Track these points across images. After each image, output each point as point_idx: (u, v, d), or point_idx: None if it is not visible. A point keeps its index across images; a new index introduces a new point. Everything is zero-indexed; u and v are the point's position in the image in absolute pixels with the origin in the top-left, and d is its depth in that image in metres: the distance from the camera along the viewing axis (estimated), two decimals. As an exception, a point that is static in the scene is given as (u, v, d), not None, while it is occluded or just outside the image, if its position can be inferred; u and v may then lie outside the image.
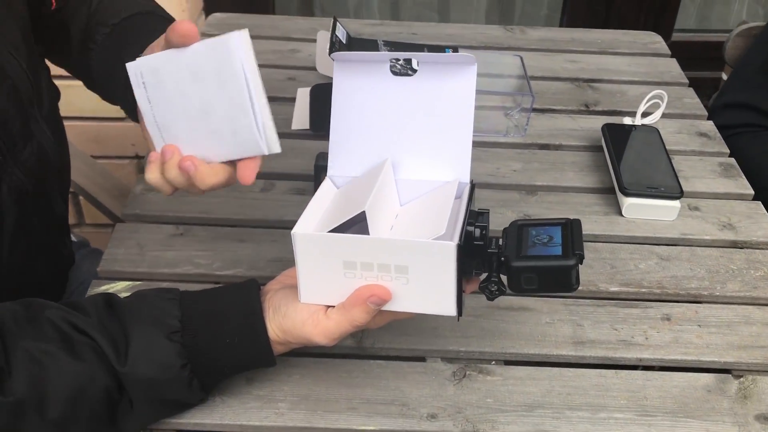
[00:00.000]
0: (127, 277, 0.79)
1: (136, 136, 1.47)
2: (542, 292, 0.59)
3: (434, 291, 0.58)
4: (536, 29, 1.31)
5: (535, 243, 0.59)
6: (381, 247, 0.57)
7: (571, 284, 0.57)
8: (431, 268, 0.57)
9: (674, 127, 1.07)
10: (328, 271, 0.59)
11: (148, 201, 0.88)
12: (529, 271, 0.58)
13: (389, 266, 0.58)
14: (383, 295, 0.59)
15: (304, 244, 0.59)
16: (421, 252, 0.57)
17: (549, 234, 0.59)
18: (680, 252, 0.87)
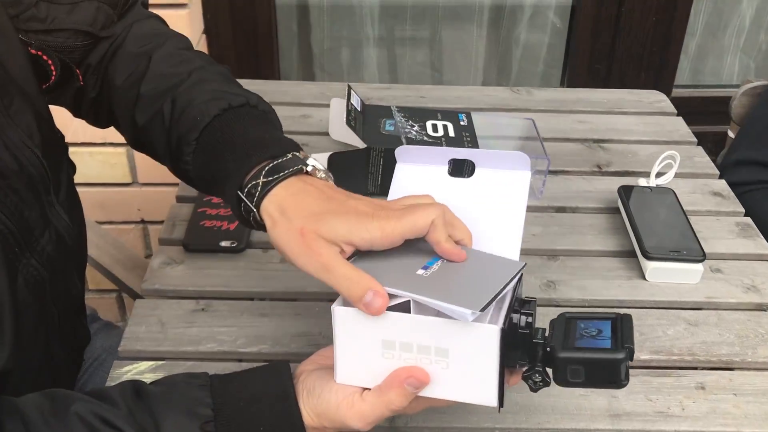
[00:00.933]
0: (149, 356, 0.77)
1: (142, 200, 1.46)
2: (589, 386, 0.57)
3: (475, 378, 0.57)
4: (542, 90, 1.32)
5: (582, 335, 0.58)
6: (422, 327, 0.56)
7: (620, 379, 0.56)
8: (473, 352, 0.56)
9: (687, 186, 1.08)
10: (366, 350, 0.58)
11: (167, 275, 0.87)
12: (576, 363, 0.56)
13: (429, 348, 0.57)
14: (422, 377, 0.58)
15: (344, 320, 0.58)
16: (463, 334, 0.55)
17: (598, 327, 0.58)
18: (707, 316, 0.86)
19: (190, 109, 0.70)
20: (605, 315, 0.60)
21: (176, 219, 0.96)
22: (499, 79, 1.94)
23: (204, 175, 0.70)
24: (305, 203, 0.61)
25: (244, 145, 0.66)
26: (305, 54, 1.85)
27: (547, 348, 0.57)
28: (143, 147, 0.79)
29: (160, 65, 0.75)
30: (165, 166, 0.76)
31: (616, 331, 0.58)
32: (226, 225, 0.92)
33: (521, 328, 0.57)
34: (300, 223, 0.59)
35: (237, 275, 0.87)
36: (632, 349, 0.56)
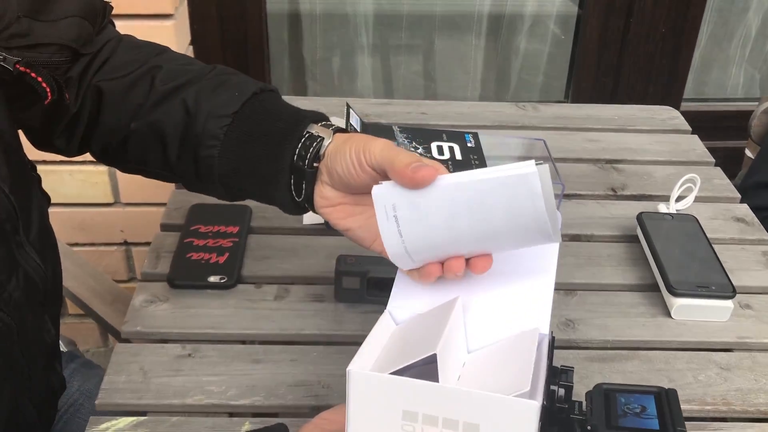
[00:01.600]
0: (130, 410, 0.70)
1: (125, 221, 1.38)
2: None
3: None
4: (548, 106, 1.25)
5: (625, 412, 0.51)
6: (451, 397, 0.49)
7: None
8: (507, 430, 0.48)
9: (708, 212, 1.01)
10: (384, 420, 0.50)
11: (150, 315, 0.79)
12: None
13: (457, 423, 0.49)
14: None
15: (361, 384, 0.50)
16: (497, 409, 0.48)
17: (641, 404, 0.52)
18: (740, 360, 0.79)
19: (224, 89, 0.65)
20: (648, 389, 0.54)
21: (161, 250, 0.88)
22: (498, 91, 1.88)
23: (237, 153, 0.63)
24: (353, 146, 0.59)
25: (294, 113, 0.64)
26: (297, 64, 1.78)
27: (588, 427, 0.50)
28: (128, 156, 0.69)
29: (173, 63, 0.69)
30: (156, 174, 0.69)
31: (661, 409, 0.51)
32: (215, 257, 0.85)
33: (560, 401, 0.50)
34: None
35: (227, 315, 0.80)
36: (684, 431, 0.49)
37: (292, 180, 0.61)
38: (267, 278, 0.85)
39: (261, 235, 0.91)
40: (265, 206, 0.96)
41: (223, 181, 0.64)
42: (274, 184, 0.62)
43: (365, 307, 0.81)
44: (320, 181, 0.61)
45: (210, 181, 0.65)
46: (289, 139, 0.61)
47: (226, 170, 0.64)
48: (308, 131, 0.61)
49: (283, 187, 0.62)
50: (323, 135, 0.61)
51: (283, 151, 0.61)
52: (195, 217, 0.91)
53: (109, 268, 1.40)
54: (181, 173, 0.66)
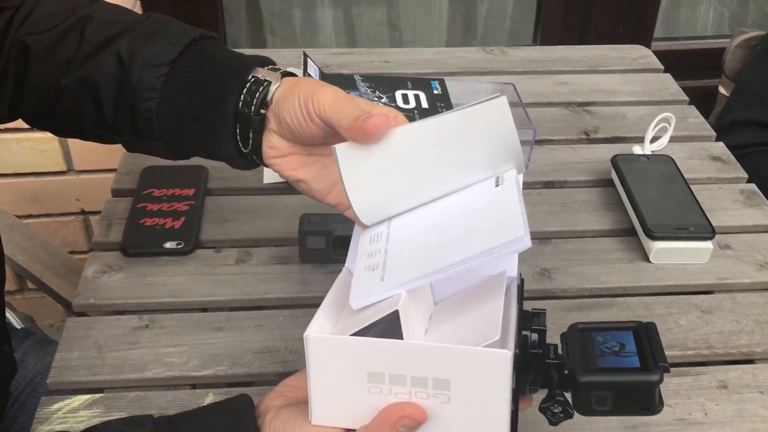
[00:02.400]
0: (84, 388, 0.65)
1: (80, 189, 1.31)
2: (616, 413, 0.47)
3: (482, 412, 0.46)
4: (517, 49, 1.21)
5: (604, 352, 0.48)
6: (418, 354, 0.45)
7: (655, 405, 0.46)
8: (479, 383, 0.45)
9: (684, 152, 0.98)
10: (349, 384, 0.47)
11: (104, 287, 0.74)
12: (602, 388, 0.46)
13: (426, 380, 0.46)
14: (417, 416, 0.47)
15: (320, 349, 0.46)
16: (468, 362, 0.45)
17: (619, 341, 0.48)
18: (721, 301, 0.77)
19: (160, 36, 0.59)
20: (625, 324, 0.50)
21: (112, 217, 0.83)
22: (465, 38, 1.82)
23: (177, 103, 0.58)
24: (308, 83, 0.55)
25: (237, 57, 0.58)
26: (254, 18, 1.70)
27: (565, 371, 0.47)
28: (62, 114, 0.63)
29: (104, 13, 0.62)
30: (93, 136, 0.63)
31: (641, 345, 0.48)
32: (171, 222, 0.80)
33: (533, 347, 0.47)
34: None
35: (185, 282, 0.75)
36: (667, 368, 0.46)
37: (238, 130, 0.56)
38: (227, 242, 0.80)
39: (219, 196, 0.86)
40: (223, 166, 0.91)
41: (164, 137, 0.59)
42: (218, 135, 0.57)
43: (332, 267, 0.77)
44: (268, 130, 0.56)
45: (150, 137, 0.59)
46: (232, 85, 0.56)
47: (167, 124, 0.58)
48: (253, 75, 0.56)
49: (228, 139, 0.57)
50: (270, 79, 0.56)
51: (225, 98, 0.56)
52: (147, 180, 0.86)
53: (68, 239, 1.34)
54: (119, 131, 0.61)
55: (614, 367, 0.47)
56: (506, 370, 0.44)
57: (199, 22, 1.47)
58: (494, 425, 0.46)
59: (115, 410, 0.63)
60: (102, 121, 0.60)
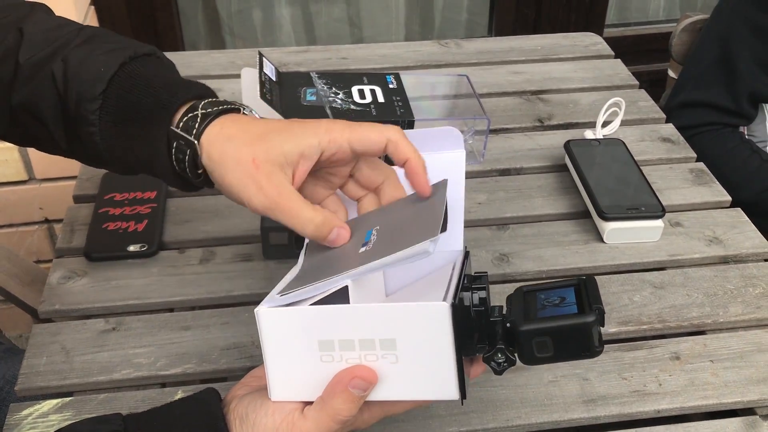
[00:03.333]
0: (53, 392, 0.66)
1: (42, 198, 1.31)
2: (559, 359, 0.50)
3: (430, 369, 0.48)
4: (471, 41, 1.23)
5: (545, 305, 0.50)
6: (361, 316, 0.47)
7: (594, 346, 0.48)
8: (424, 339, 0.47)
9: (635, 134, 1.01)
10: (302, 355, 0.49)
11: (69, 292, 0.75)
12: (542, 334, 0.48)
13: (373, 341, 0.48)
14: (368, 377, 0.49)
15: (271, 322, 0.48)
16: (409, 318, 0.47)
17: (560, 296, 0.50)
18: (673, 277, 0.80)
19: (90, 63, 0.57)
20: (566, 282, 0.52)
21: (75, 223, 0.83)
22: (423, 32, 1.84)
23: (116, 135, 0.57)
24: (250, 127, 0.54)
25: (165, 86, 0.56)
26: (212, 19, 1.70)
27: (507, 324, 0.49)
28: (21, 136, 0.64)
29: (35, 33, 0.61)
30: (57, 153, 0.63)
31: (580, 296, 0.50)
32: (133, 225, 0.81)
33: (475, 306, 0.49)
34: (250, 151, 0.52)
35: (150, 284, 0.76)
36: (602, 310, 0.48)
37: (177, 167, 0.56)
38: (190, 242, 0.81)
39: (181, 198, 0.87)
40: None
41: (114, 161, 0.59)
42: (157, 171, 0.57)
43: (295, 262, 0.78)
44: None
45: (105, 162, 0.60)
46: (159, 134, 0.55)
47: (113, 151, 0.58)
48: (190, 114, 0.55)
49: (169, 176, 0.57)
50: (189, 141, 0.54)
51: (156, 144, 0.55)
52: (108, 185, 0.86)
53: (32, 248, 1.33)
54: (76, 155, 0.61)
55: (553, 315, 0.49)
56: (446, 322, 0.46)
57: (155, 27, 1.47)
58: (442, 378, 0.48)
59: (85, 412, 0.64)
60: (57, 146, 0.60)
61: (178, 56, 1.16)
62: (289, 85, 0.93)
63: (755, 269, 0.81)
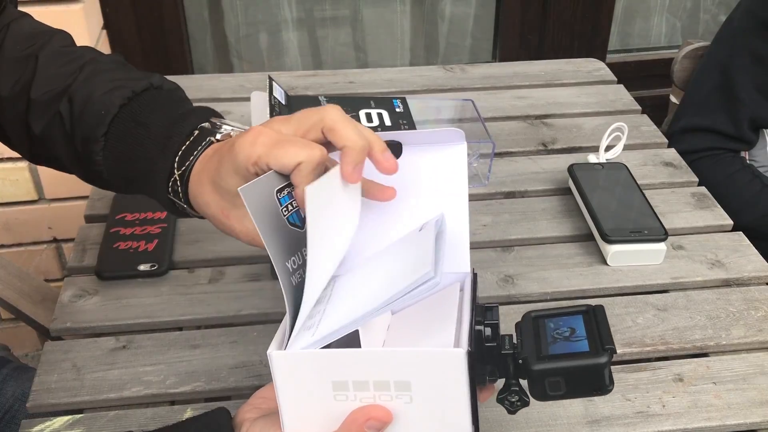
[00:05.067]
0: (65, 409, 0.67)
1: (52, 217, 1.32)
2: (571, 396, 0.50)
3: (444, 408, 0.49)
4: (476, 66, 1.25)
5: (555, 338, 0.50)
6: (377, 360, 0.48)
7: (605, 385, 0.49)
8: (438, 382, 0.48)
9: (638, 159, 1.02)
10: (315, 395, 0.49)
11: (80, 310, 0.76)
12: (554, 374, 0.49)
13: (388, 383, 0.48)
14: (383, 417, 0.49)
15: (284, 365, 0.49)
16: (424, 364, 0.47)
17: (570, 326, 0.51)
18: (675, 299, 0.80)
19: (92, 105, 0.61)
20: (575, 309, 0.52)
21: (86, 243, 0.85)
22: (427, 57, 1.86)
23: (120, 172, 0.61)
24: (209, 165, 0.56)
25: (161, 130, 0.59)
26: (220, 43, 1.73)
27: (519, 360, 0.50)
28: (44, 159, 0.68)
29: (48, 67, 0.65)
30: (75, 175, 0.67)
31: (590, 328, 0.51)
32: (144, 245, 0.82)
33: (487, 340, 0.50)
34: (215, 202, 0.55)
35: (160, 303, 0.77)
36: (614, 350, 0.49)
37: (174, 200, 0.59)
38: (200, 262, 0.83)
39: (190, 218, 0.88)
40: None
41: (124, 189, 0.63)
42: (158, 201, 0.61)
43: (303, 282, 0.80)
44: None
45: (116, 188, 0.64)
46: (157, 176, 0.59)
47: (120, 184, 0.62)
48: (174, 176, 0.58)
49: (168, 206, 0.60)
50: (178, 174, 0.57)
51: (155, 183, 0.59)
52: (120, 205, 0.88)
53: (41, 267, 1.35)
54: (91, 181, 0.65)
55: (565, 353, 0.49)
56: (462, 367, 0.47)
57: (166, 50, 1.50)
58: (456, 419, 0.49)
59: (95, 429, 0.65)
60: (75, 169, 0.64)
61: (188, 79, 1.18)
62: (298, 109, 0.94)
63: (757, 292, 0.82)
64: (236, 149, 0.52)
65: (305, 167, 0.50)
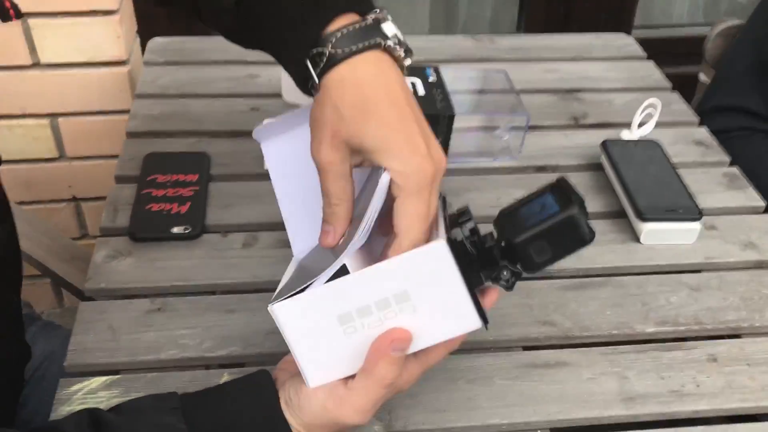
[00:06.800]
0: (101, 370, 0.67)
1: (72, 176, 1.32)
2: (559, 257, 0.51)
3: (447, 307, 0.51)
4: (505, 37, 1.23)
5: (529, 216, 0.51)
6: (369, 280, 0.49)
7: (585, 234, 0.50)
8: (433, 281, 0.49)
9: (669, 137, 1.01)
10: (326, 336, 0.51)
11: (114, 271, 0.76)
12: (536, 240, 0.50)
13: (387, 299, 0.50)
14: (403, 335, 0.51)
15: (287, 314, 0.50)
16: (412, 266, 0.49)
17: (540, 204, 0.52)
18: (709, 279, 0.80)
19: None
20: (542, 189, 0.53)
21: (118, 203, 0.84)
22: (448, 26, 1.84)
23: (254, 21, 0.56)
24: (368, 92, 0.50)
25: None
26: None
27: (502, 244, 0.51)
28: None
29: None
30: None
31: (559, 196, 0.52)
32: (176, 208, 0.81)
33: (468, 238, 0.51)
34: (339, 122, 0.50)
35: (195, 266, 0.77)
36: (581, 198, 0.50)
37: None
38: (233, 226, 0.82)
39: (222, 182, 0.88)
40: (224, 153, 0.93)
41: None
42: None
43: (337, 250, 0.79)
44: None
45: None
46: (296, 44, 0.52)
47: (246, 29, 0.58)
48: (319, 48, 0.51)
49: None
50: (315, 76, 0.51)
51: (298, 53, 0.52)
52: (151, 166, 0.87)
53: (59, 225, 1.34)
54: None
55: (539, 220, 0.50)
56: (448, 258, 0.48)
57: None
58: (461, 312, 0.50)
59: (133, 391, 0.65)
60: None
61: (215, 42, 1.17)
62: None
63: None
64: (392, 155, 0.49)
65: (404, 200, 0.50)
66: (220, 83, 1.06)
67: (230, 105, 1.02)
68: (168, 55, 1.12)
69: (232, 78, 1.08)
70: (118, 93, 1.22)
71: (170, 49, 1.13)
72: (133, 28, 1.30)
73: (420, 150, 0.50)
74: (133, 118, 0.98)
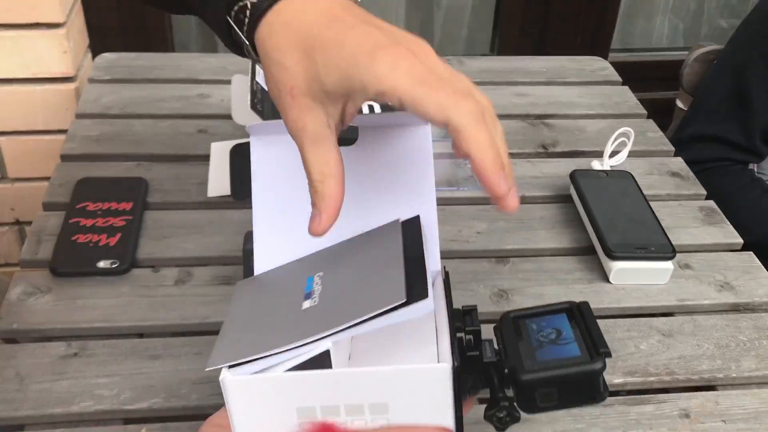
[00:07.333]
0: (3, 424, 0.60)
1: (14, 198, 1.24)
2: (563, 408, 0.44)
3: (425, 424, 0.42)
4: (474, 59, 1.18)
5: (541, 342, 0.44)
6: (349, 382, 0.41)
7: (600, 393, 0.42)
8: (419, 401, 0.41)
9: (643, 167, 0.96)
10: (276, 423, 0.42)
11: (29, 310, 0.69)
12: (546, 384, 0.42)
13: (362, 407, 0.42)
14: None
15: (240, 391, 0.42)
16: (403, 382, 0.41)
17: (554, 327, 0.45)
18: (682, 324, 0.74)
19: None
20: (558, 307, 0.46)
21: (42, 233, 0.77)
22: (421, 45, 1.79)
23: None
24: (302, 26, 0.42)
25: None
26: (205, 21, 1.64)
27: (505, 370, 0.44)
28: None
29: None
30: None
31: (578, 329, 0.45)
32: (105, 239, 0.75)
33: (469, 349, 0.44)
34: (290, 76, 0.42)
35: (119, 305, 0.70)
36: (608, 353, 0.42)
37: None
38: (166, 260, 0.75)
39: (159, 210, 0.81)
40: (164, 178, 0.86)
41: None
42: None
43: (279, 288, 0.73)
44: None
45: None
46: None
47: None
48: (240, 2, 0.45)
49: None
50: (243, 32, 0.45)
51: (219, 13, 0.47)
52: (82, 193, 0.80)
53: (1, 250, 1.26)
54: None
55: (555, 359, 0.43)
56: (446, 383, 0.41)
57: (145, 26, 1.41)
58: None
59: (36, 449, 0.58)
60: None
61: (166, 58, 1.10)
62: (282, 96, 0.87)
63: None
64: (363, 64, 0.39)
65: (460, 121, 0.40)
66: (168, 103, 1.00)
67: (176, 126, 0.95)
68: (115, 72, 1.05)
69: (182, 97, 1.01)
70: (64, 111, 1.15)
71: (119, 66, 1.07)
72: (83, 42, 1.23)
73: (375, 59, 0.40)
74: (70, 139, 0.91)
